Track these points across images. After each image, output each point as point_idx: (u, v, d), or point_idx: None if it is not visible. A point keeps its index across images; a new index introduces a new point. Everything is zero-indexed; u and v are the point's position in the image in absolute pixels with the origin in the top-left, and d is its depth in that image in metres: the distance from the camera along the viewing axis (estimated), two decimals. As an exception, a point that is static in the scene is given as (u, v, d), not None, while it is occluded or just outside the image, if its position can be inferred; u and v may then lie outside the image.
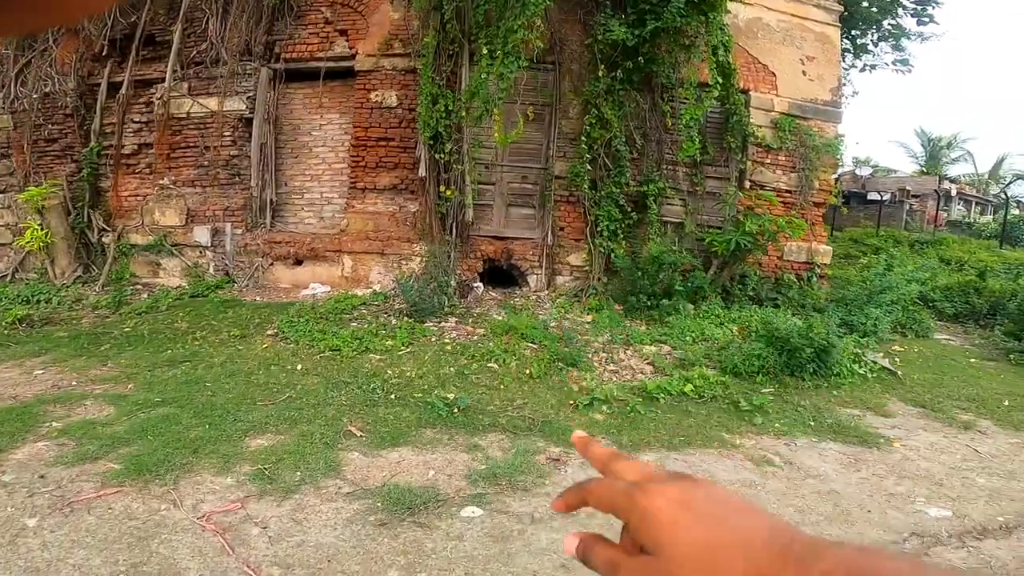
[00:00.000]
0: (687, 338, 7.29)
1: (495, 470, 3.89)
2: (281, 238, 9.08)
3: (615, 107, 8.19)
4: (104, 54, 9.59)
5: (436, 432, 4.49)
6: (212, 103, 9.29)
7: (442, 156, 7.89)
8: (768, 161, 9.48)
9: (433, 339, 6.80)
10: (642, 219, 8.46)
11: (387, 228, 8.59)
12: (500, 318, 7.57)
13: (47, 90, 9.82)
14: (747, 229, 7.88)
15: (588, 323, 7.73)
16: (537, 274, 8.57)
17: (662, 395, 5.47)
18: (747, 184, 9.30)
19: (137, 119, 9.73)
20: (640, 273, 7.86)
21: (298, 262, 9.05)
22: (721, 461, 4.46)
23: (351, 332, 6.70)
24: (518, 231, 8.62)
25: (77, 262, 9.96)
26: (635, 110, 8.55)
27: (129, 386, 5.33)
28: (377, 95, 8.66)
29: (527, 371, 5.85)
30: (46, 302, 8.65)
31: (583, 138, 8.16)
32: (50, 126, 10.20)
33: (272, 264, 9.13)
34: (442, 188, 7.90)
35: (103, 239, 9.84)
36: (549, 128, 8.66)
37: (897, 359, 7.70)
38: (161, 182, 9.62)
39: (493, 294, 8.61)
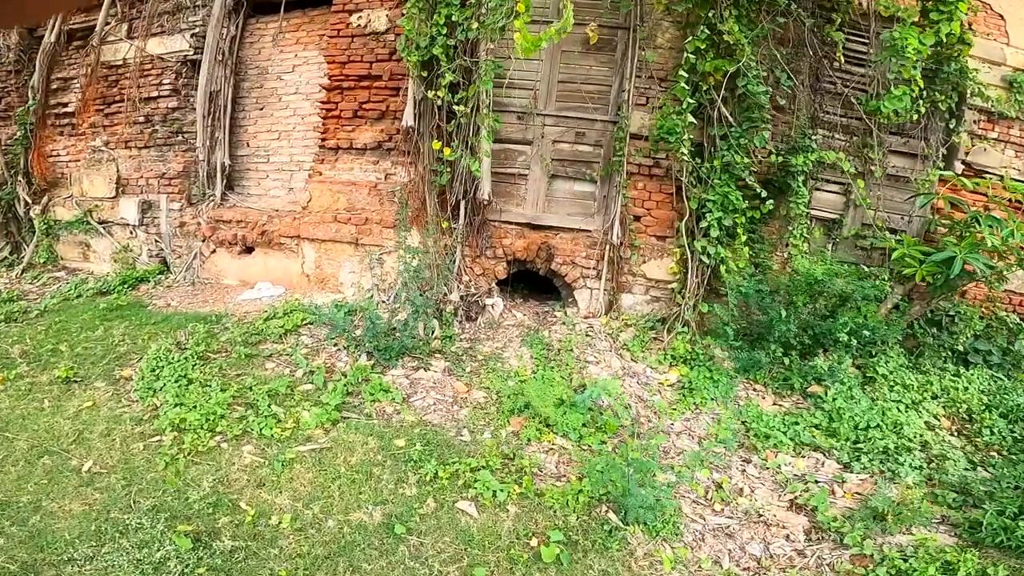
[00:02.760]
0: (866, 434, 3.84)
1: None
2: (230, 216, 6.35)
3: (745, 24, 4.71)
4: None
5: None
6: (151, 45, 6.75)
7: (441, 96, 4.77)
8: (995, 135, 5.69)
9: (388, 410, 3.76)
10: (774, 212, 4.96)
11: (365, 206, 5.62)
12: (518, 365, 4.43)
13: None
14: (990, 243, 4.22)
15: (672, 387, 4.43)
16: (592, 289, 5.33)
17: None
18: (958, 166, 5.56)
19: (87, 73, 7.45)
20: (778, 306, 4.41)
21: (248, 249, 6.31)
22: None
23: (243, 388, 3.79)
24: (565, 218, 5.39)
25: (5, 240, 7.88)
26: (782, 31, 5.02)
27: None
28: (360, 17, 5.62)
29: (534, 538, 2.68)
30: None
31: (683, 74, 4.74)
32: (-6, 85, 8.44)
33: (214, 251, 6.44)
34: (436, 144, 4.78)
35: (30, 213, 7.60)
36: (622, 61, 5.30)
37: None
38: (92, 144, 7.20)
39: (519, 315, 5.45)
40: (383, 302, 5.43)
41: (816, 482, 3.45)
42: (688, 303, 4.74)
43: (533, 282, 5.86)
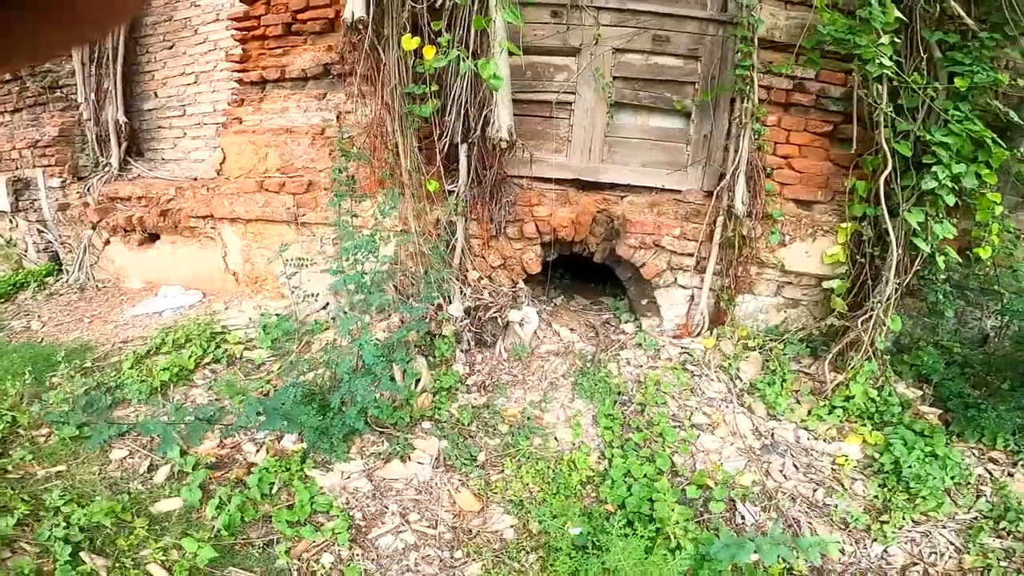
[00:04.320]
0: None
1: None
2: (128, 191, 4.35)
3: None
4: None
5: None
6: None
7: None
8: None
9: (323, 565, 1.78)
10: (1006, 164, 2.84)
11: (307, 163, 3.57)
12: (572, 440, 2.43)
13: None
14: None
15: (855, 469, 2.40)
16: (688, 288, 3.27)
17: None
18: None
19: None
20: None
21: (152, 237, 4.30)
22: None
23: (36, 509, 1.82)
24: (638, 171, 3.29)
25: None
26: None
27: None
28: None
29: None
30: None
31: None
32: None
33: (108, 242, 4.45)
34: (408, 42, 2.66)
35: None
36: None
37: None
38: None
39: (563, 331, 3.40)
40: (345, 314, 3.41)
41: None
42: (879, 316, 2.64)
43: (575, 264, 3.83)
